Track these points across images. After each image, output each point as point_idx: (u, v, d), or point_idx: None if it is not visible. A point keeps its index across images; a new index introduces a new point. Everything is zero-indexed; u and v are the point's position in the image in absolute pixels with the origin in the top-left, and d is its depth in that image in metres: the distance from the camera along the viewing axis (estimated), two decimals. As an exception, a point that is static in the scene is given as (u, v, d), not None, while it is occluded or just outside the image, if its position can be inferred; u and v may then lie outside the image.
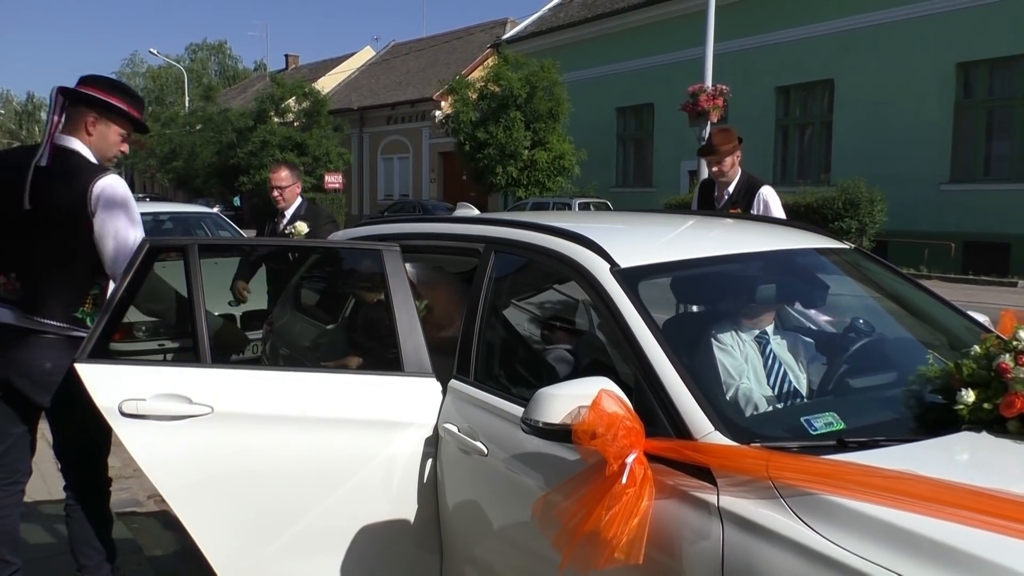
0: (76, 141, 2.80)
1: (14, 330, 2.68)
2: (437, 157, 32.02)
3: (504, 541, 2.32)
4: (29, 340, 2.69)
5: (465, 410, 2.43)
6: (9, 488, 2.83)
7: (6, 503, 2.83)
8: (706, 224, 3.11)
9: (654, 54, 22.92)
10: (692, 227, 3.00)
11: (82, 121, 2.82)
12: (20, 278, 2.70)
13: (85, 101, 2.82)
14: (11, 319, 2.68)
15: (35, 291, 2.70)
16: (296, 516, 2.43)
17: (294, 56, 48.86)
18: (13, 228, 2.69)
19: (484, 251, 2.67)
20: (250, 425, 2.39)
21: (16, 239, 2.70)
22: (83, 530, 2.86)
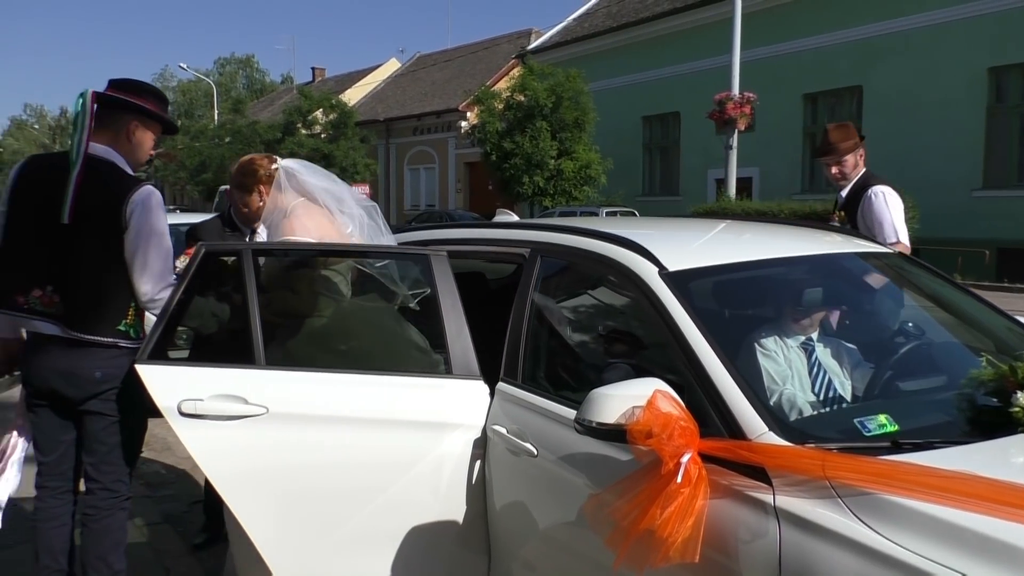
0: (110, 150, 2.75)
1: (59, 340, 2.68)
2: (463, 167, 32.18)
3: (552, 541, 2.34)
4: (77, 351, 2.68)
5: (513, 412, 2.46)
6: (63, 496, 2.88)
7: (61, 511, 2.87)
8: (743, 228, 3.12)
9: (680, 62, 22.91)
10: (732, 231, 3.02)
11: (123, 128, 2.78)
12: (58, 291, 2.66)
13: (127, 108, 2.77)
14: (56, 332, 2.67)
15: (77, 305, 2.67)
16: (348, 515, 2.47)
17: (321, 69, 49.42)
18: (48, 239, 2.64)
19: (529, 256, 2.70)
20: (304, 425, 2.44)
21: (52, 251, 2.66)
22: (99, 544, 2.82)
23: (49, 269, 2.66)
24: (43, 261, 2.67)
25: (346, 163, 30.31)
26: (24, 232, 2.69)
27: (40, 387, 2.76)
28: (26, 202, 2.70)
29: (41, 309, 2.66)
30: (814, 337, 2.57)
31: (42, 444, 2.84)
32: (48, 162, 2.84)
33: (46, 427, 2.82)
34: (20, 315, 2.68)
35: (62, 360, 2.70)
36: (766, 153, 20.12)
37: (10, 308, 2.69)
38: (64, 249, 2.66)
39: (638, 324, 2.50)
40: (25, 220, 2.69)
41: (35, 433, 2.84)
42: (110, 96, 2.76)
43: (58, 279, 2.67)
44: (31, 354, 2.76)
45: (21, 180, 2.73)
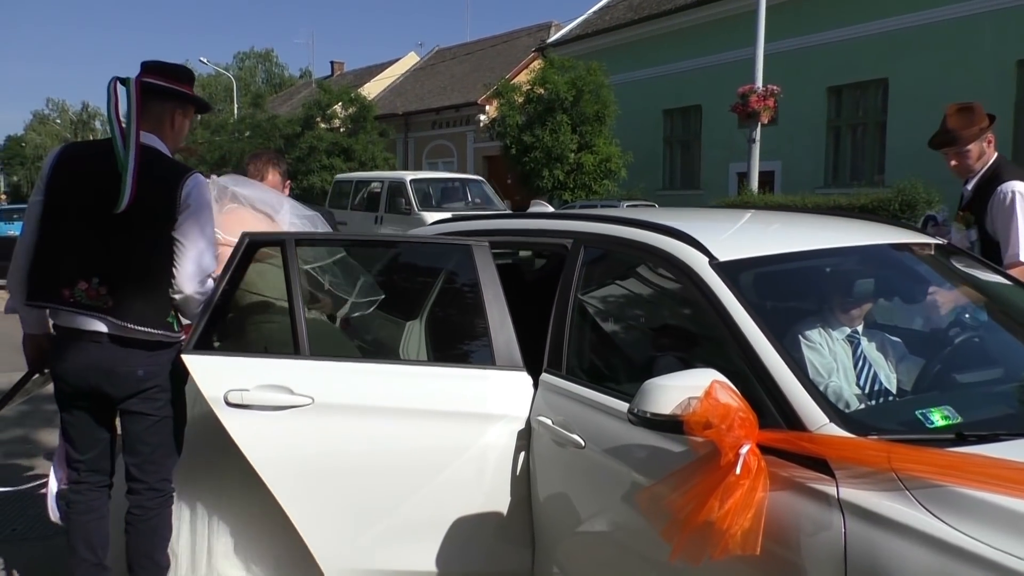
0: (154, 137, 2.69)
1: (98, 336, 2.59)
2: (481, 161, 32.14)
3: (599, 532, 2.32)
4: (118, 348, 2.60)
5: (558, 403, 2.44)
6: (101, 490, 2.86)
7: (99, 503, 2.84)
8: (788, 218, 3.08)
9: (701, 55, 22.73)
10: (777, 221, 2.98)
11: (166, 115, 2.73)
12: (105, 283, 2.56)
13: (170, 95, 2.73)
14: (102, 327, 2.58)
15: (127, 297, 2.58)
16: (392, 505, 2.46)
17: (339, 63, 49.45)
18: (94, 230, 2.57)
19: (572, 246, 2.68)
20: (349, 416, 2.43)
21: (98, 241, 2.57)
22: (147, 542, 2.78)
23: (95, 260, 2.57)
24: (88, 252, 2.58)
25: (365, 157, 30.35)
26: (66, 223, 2.60)
27: (78, 385, 2.65)
28: (68, 192, 2.61)
29: (87, 302, 2.56)
30: (859, 329, 2.52)
31: (78, 443, 2.75)
32: (89, 151, 2.74)
33: (82, 426, 2.73)
34: (66, 309, 2.59)
35: (102, 357, 2.60)
36: (789, 146, 19.93)
37: (56, 302, 2.59)
38: (112, 239, 2.57)
39: (686, 315, 2.47)
40: (67, 211, 2.60)
41: (70, 431, 2.75)
42: (156, 85, 2.70)
43: (105, 270, 2.57)
44: (64, 351, 2.65)
45: (59, 169, 2.63)
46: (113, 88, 2.65)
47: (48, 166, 2.66)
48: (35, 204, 2.65)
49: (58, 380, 2.70)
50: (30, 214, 2.66)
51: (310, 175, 29.29)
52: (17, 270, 2.67)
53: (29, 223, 2.67)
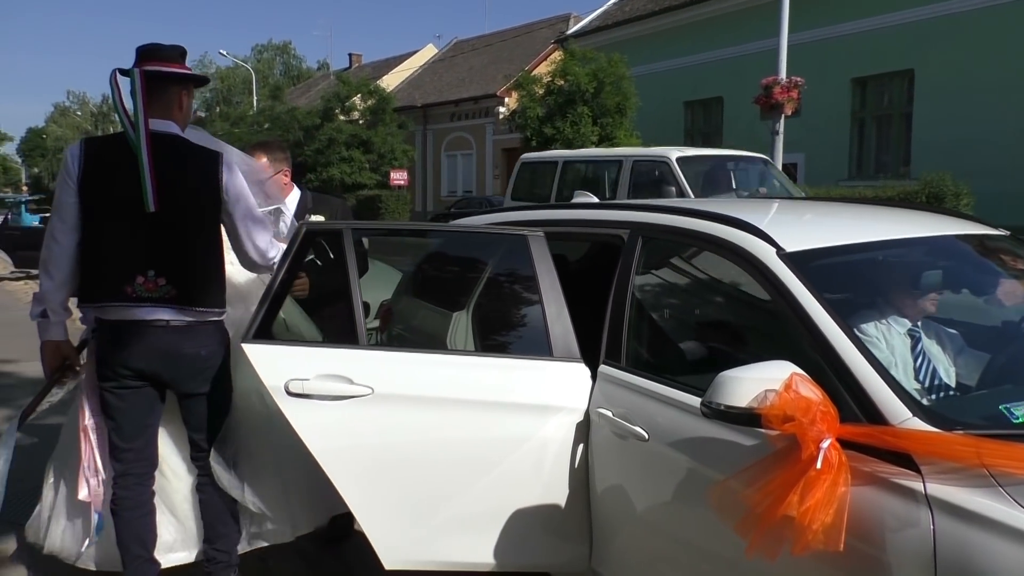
0: (170, 123, 2.68)
1: (167, 324, 2.64)
2: (500, 153, 32.08)
3: (662, 526, 2.29)
4: (183, 332, 2.66)
5: (619, 395, 2.42)
6: (147, 482, 2.88)
7: (146, 498, 2.86)
8: (846, 209, 3.03)
9: (723, 47, 22.56)
10: (836, 212, 2.93)
11: (173, 99, 2.70)
12: (161, 274, 2.60)
13: (172, 79, 2.68)
14: (166, 315, 2.63)
15: (186, 284, 2.63)
16: (451, 496, 2.45)
17: (357, 55, 49.46)
18: (141, 223, 2.57)
19: (629, 237, 2.64)
20: (408, 406, 2.41)
21: (145, 236, 2.59)
22: (215, 505, 2.89)
23: (147, 254, 2.59)
24: (138, 247, 2.59)
25: (384, 149, 30.37)
26: (109, 221, 2.59)
27: (140, 369, 2.68)
28: (103, 189, 2.58)
29: (148, 295, 2.60)
30: (919, 323, 2.48)
31: (127, 431, 2.77)
32: (114, 144, 2.65)
33: (133, 412, 2.76)
34: (130, 305, 2.60)
35: (168, 343, 2.66)
36: (812, 139, 19.75)
37: (119, 300, 2.60)
38: (159, 230, 2.59)
39: (751, 307, 2.43)
40: (107, 208, 2.58)
41: (119, 420, 2.75)
42: (161, 72, 2.64)
43: (158, 262, 2.60)
44: (123, 339, 2.66)
45: (88, 167, 2.58)
46: (114, 80, 2.62)
47: (75, 165, 2.58)
48: (69, 205, 2.58)
49: (115, 367, 2.69)
50: (64, 216, 2.59)
51: (329, 167, 29.36)
52: (57, 275, 2.62)
53: (64, 225, 2.60)
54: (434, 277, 3.60)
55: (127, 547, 2.80)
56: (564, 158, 12.28)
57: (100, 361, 2.75)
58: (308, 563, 3.39)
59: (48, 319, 2.69)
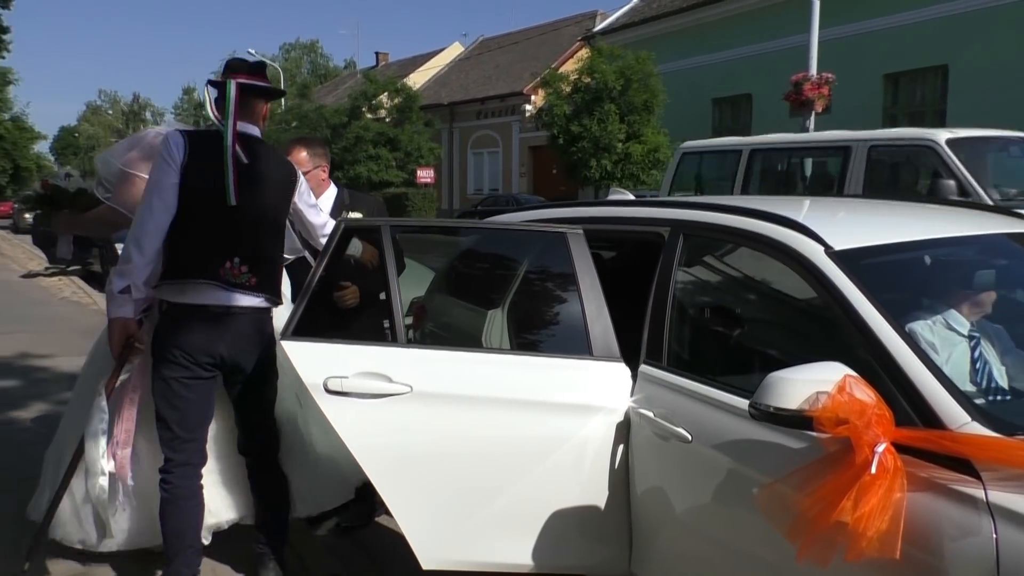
0: (255, 128, 2.90)
1: (246, 310, 2.79)
2: (527, 151, 32.04)
3: (705, 529, 2.25)
4: (262, 318, 2.85)
5: (660, 395, 2.37)
6: (199, 472, 2.91)
7: (198, 487, 2.89)
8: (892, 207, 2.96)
9: (752, 43, 22.34)
10: (881, 209, 2.86)
11: (258, 108, 2.93)
12: (245, 262, 2.76)
13: (260, 93, 2.92)
14: (247, 301, 2.78)
15: (263, 273, 2.82)
16: (490, 496, 2.42)
17: (384, 53, 49.67)
18: (229, 215, 2.73)
19: (670, 235, 2.60)
20: (447, 405, 2.39)
21: (232, 225, 2.76)
22: (281, 484, 3.07)
23: (233, 242, 2.76)
24: (226, 235, 2.75)
25: (411, 147, 30.44)
26: (205, 208, 2.73)
27: (223, 357, 2.78)
28: (202, 178, 2.73)
29: (233, 281, 2.75)
30: (975, 324, 2.40)
31: (192, 421, 2.83)
32: (211, 139, 2.81)
33: (200, 403, 2.83)
34: (223, 287, 2.73)
35: (248, 327, 2.81)
36: (843, 136, 19.52)
37: (215, 279, 2.73)
38: (244, 222, 2.77)
39: (798, 306, 2.37)
40: (204, 196, 2.73)
41: (185, 411, 2.80)
42: (254, 86, 2.88)
43: (242, 251, 2.76)
44: (200, 326, 2.74)
45: (189, 155, 2.73)
46: (206, 88, 2.89)
47: (179, 151, 2.73)
48: (171, 187, 2.71)
49: (193, 354, 2.75)
50: (163, 196, 2.71)
51: (356, 165, 29.48)
52: (148, 250, 2.71)
53: (163, 204, 2.70)
54: (468, 274, 3.58)
55: (181, 535, 2.83)
56: (751, 145, 9.09)
57: (171, 348, 2.77)
58: (344, 562, 3.39)
59: (129, 294, 2.73)
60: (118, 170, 3.26)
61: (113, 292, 2.71)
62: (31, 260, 15.99)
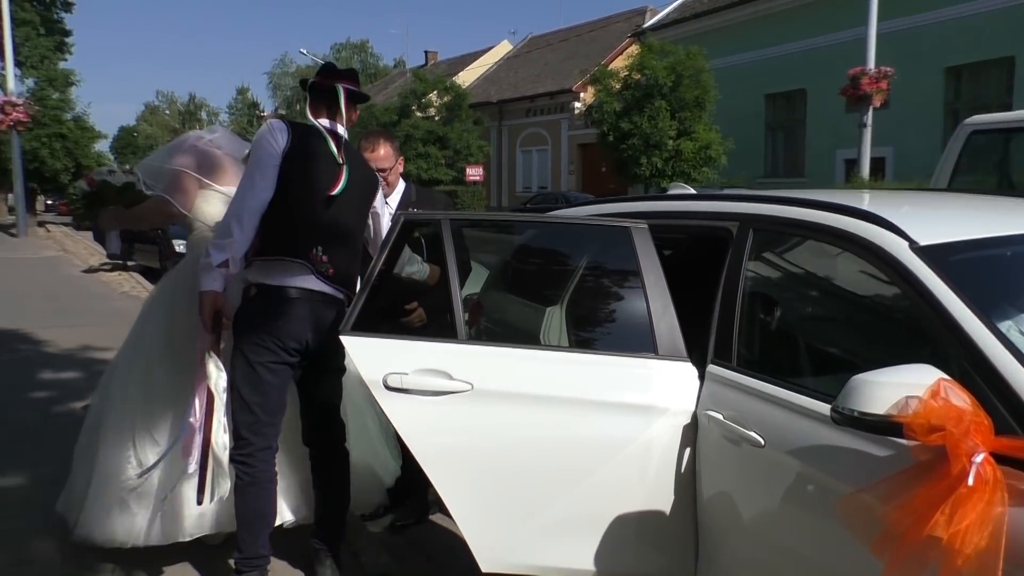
0: (344, 129, 2.98)
1: (324, 298, 2.83)
2: (576, 149, 31.89)
3: (778, 539, 2.14)
4: (333, 307, 2.86)
5: (730, 397, 2.27)
6: (274, 455, 2.92)
7: (274, 470, 2.91)
8: (974, 200, 2.81)
9: (807, 37, 21.87)
10: (962, 202, 2.71)
11: (351, 115, 3.02)
12: (326, 252, 2.82)
13: (353, 98, 2.99)
14: (328, 290, 2.84)
15: (342, 264, 2.88)
16: (551, 498, 2.35)
17: (433, 52, 49.91)
18: (318, 205, 2.81)
19: (739, 230, 2.50)
20: (509, 403, 2.33)
21: (320, 215, 2.82)
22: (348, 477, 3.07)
23: (319, 230, 2.81)
24: (314, 222, 2.81)
25: (459, 145, 30.54)
26: (299, 193, 2.80)
27: (301, 340, 2.82)
28: (300, 166, 2.80)
29: (317, 268, 2.80)
30: None
31: (275, 405, 2.86)
32: (308, 132, 2.91)
33: (282, 388, 2.87)
34: (311, 272, 2.78)
35: (322, 316, 2.84)
36: (902, 131, 18.96)
37: (308, 261, 2.78)
38: (330, 213, 2.83)
39: (880, 305, 2.25)
40: (299, 182, 2.79)
41: (268, 395, 2.82)
42: (358, 93, 3.00)
43: (325, 240, 2.82)
44: (286, 310, 2.78)
45: (291, 142, 2.79)
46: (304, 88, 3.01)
47: (283, 137, 2.80)
48: (273, 167, 2.77)
49: (282, 339, 2.79)
50: (266, 175, 2.76)
51: (406, 163, 29.62)
52: (248, 226, 2.76)
53: (265, 183, 2.76)
54: (526, 271, 3.51)
55: (263, 516, 2.88)
56: None
57: (260, 333, 2.80)
58: (399, 561, 3.35)
59: (226, 268, 2.76)
60: (165, 170, 3.35)
61: (210, 265, 2.73)
62: (92, 255, 16.41)
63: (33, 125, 21.91)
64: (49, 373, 6.38)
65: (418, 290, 3.15)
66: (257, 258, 2.83)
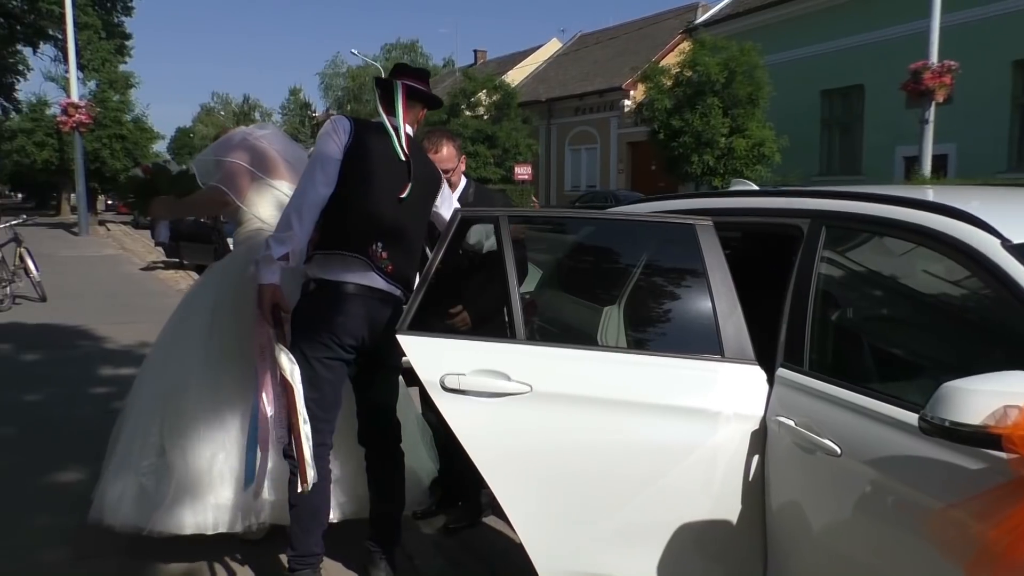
0: (410, 129, 2.96)
1: (383, 295, 2.80)
2: (625, 147, 31.63)
3: (856, 555, 2.02)
4: (390, 305, 2.82)
5: (802, 402, 2.16)
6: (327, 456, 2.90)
7: (327, 471, 2.88)
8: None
9: (866, 31, 21.32)
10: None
11: (416, 114, 3.02)
12: (386, 249, 2.79)
13: (419, 97, 2.99)
14: (385, 285, 2.80)
15: (400, 262, 2.84)
16: (613, 505, 2.27)
17: (482, 51, 50.00)
18: (380, 202, 2.80)
19: (811, 227, 2.37)
20: (569, 406, 2.25)
21: (381, 212, 2.80)
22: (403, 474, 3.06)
23: (379, 227, 2.79)
24: (375, 219, 2.78)
25: (508, 144, 30.51)
26: (361, 190, 2.78)
27: (358, 336, 2.79)
28: (363, 162, 2.78)
29: (376, 264, 2.78)
30: None
31: (330, 402, 2.85)
32: (373, 130, 2.89)
33: (338, 385, 2.86)
34: (371, 268, 2.76)
35: (380, 312, 2.80)
36: (965, 127, 18.33)
37: (367, 257, 2.75)
38: (392, 210, 2.81)
39: (968, 306, 2.11)
40: (361, 179, 2.77)
41: (324, 391, 2.80)
42: (414, 88, 2.96)
43: (386, 237, 2.79)
44: (344, 306, 2.76)
45: (355, 139, 2.78)
46: (375, 87, 3.03)
47: (346, 133, 2.79)
48: (335, 162, 2.76)
49: (338, 334, 2.77)
50: (327, 170, 2.75)
51: (457, 162, 29.77)
52: (308, 220, 2.73)
53: (326, 177, 2.75)
54: (582, 269, 3.42)
55: (316, 514, 2.86)
56: None
57: (317, 328, 2.78)
58: (453, 564, 3.30)
59: (286, 261, 2.74)
60: (219, 163, 3.37)
61: (270, 258, 2.70)
62: (150, 253, 16.79)
63: (94, 126, 22.53)
64: (108, 369, 6.50)
65: (476, 288, 3.08)
66: (317, 252, 2.81)
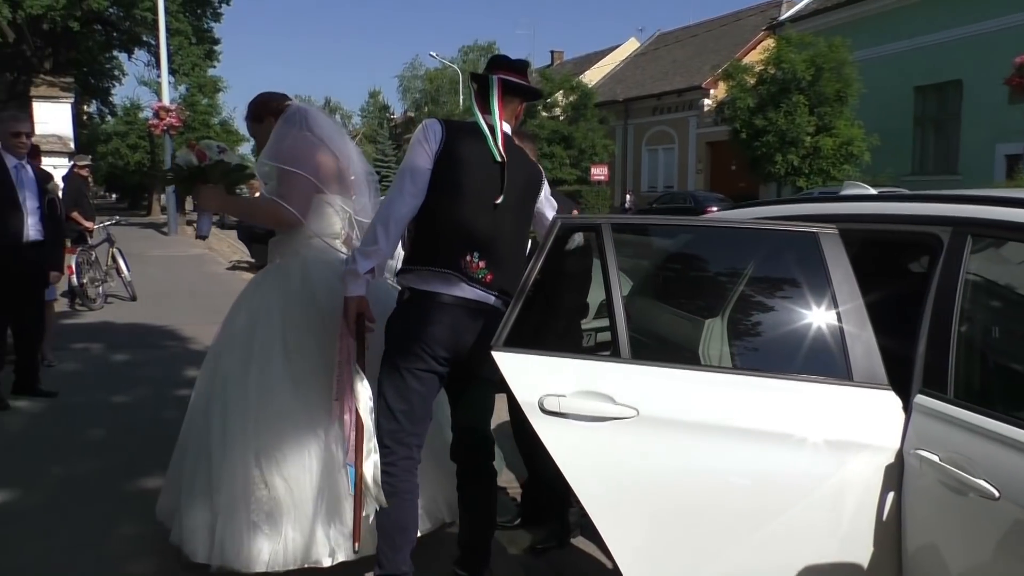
0: (508, 126, 2.80)
1: (477, 305, 2.65)
2: (704, 147, 30.97)
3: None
4: (487, 315, 2.64)
5: (947, 435, 1.91)
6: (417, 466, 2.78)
7: (415, 485, 2.76)
8: None
9: (963, 24, 20.27)
10: None
11: (516, 107, 2.87)
12: (483, 258, 2.64)
13: (517, 91, 2.82)
14: (481, 297, 2.65)
15: (500, 271, 2.67)
16: (727, 544, 2.06)
17: (559, 52, 49.81)
18: (476, 210, 2.65)
19: (952, 236, 2.11)
20: (679, 433, 2.05)
21: (477, 220, 2.66)
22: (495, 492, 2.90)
23: (475, 236, 2.64)
24: (470, 228, 2.65)
25: (584, 144, 30.28)
26: (454, 198, 2.65)
27: (458, 352, 2.67)
28: (455, 169, 2.65)
29: (470, 274, 2.63)
30: None
31: (419, 414, 2.72)
32: (466, 132, 2.73)
33: (428, 397, 2.73)
34: (464, 280, 2.62)
35: (475, 323, 2.65)
36: (1076, 124, 17.21)
37: (457, 271, 2.62)
38: (488, 218, 2.66)
39: None
40: (451, 187, 2.65)
41: (414, 403, 2.68)
42: (511, 82, 2.78)
43: (483, 246, 2.64)
44: (436, 316, 2.63)
45: (446, 145, 2.65)
46: (471, 82, 2.89)
47: (436, 140, 2.66)
48: (424, 172, 2.64)
49: (431, 345, 2.65)
50: (416, 180, 2.63)
51: (533, 163, 29.72)
52: (394, 232, 2.63)
53: (415, 188, 2.63)
54: (681, 278, 3.20)
55: (405, 530, 2.74)
56: None
57: (410, 338, 2.67)
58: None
59: (372, 275, 2.66)
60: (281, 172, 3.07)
61: (357, 272, 2.62)
62: (235, 253, 17.18)
63: (184, 129, 23.25)
64: (192, 371, 6.55)
65: (575, 301, 2.91)
66: (408, 266, 2.69)
